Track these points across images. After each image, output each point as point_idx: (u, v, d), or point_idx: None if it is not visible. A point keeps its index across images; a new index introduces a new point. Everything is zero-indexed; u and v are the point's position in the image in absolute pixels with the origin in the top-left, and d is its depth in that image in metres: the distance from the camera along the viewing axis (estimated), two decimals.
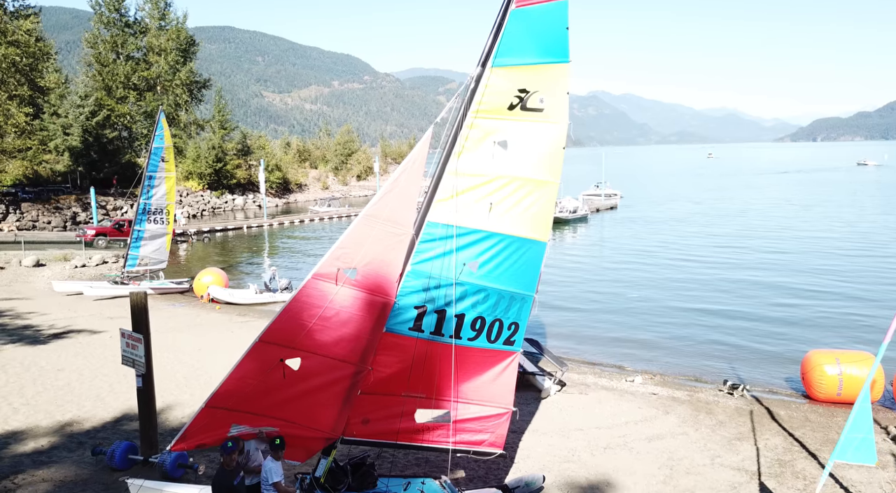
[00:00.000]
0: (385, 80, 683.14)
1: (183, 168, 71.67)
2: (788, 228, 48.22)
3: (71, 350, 18.43)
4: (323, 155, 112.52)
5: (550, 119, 8.73)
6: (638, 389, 16.47)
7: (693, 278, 31.62)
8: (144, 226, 28.14)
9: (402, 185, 8.47)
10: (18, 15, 53.77)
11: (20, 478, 10.37)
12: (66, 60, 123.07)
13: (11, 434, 12.22)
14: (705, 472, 11.50)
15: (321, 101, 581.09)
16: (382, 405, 9.06)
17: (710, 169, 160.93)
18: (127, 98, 73.66)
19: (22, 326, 21.51)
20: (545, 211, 9.02)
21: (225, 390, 8.33)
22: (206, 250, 45.78)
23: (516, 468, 11.44)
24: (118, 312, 23.46)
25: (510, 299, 9.16)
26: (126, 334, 10.84)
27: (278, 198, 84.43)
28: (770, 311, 24.98)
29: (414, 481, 9.40)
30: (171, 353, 18.01)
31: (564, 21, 8.49)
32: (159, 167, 27.88)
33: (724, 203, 70.64)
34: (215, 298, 27.08)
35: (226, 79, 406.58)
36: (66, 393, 14.63)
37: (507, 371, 9.60)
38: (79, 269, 33.99)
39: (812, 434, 13.39)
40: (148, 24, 76.77)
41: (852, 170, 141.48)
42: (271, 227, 58.23)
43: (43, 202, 55.23)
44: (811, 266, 33.64)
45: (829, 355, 15.50)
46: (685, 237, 45.64)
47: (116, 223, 43.35)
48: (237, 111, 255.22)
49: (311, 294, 8.30)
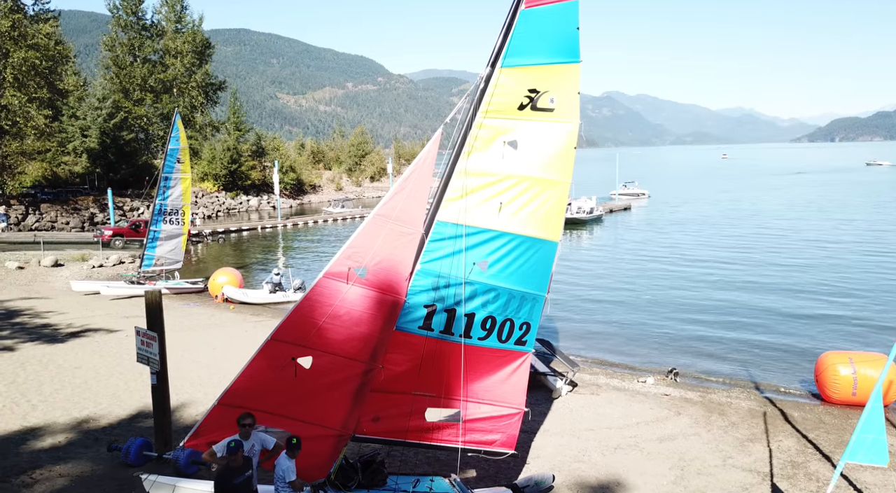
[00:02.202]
0: (399, 82, 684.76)
1: (198, 169, 72.35)
2: (801, 230, 47.64)
3: (88, 349, 18.69)
4: (337, 156, 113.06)
5: (561, 119, 8.75)
6: (650, 389, 16.41)
7: (706, 279, 31.40)
8: (160, 226, 28.47)
9: (412, 185, 8.54)
10: (38, 19, 54.60)
11: (38, 473, 10.56)
12: (84, 63, 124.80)
13: (30, 431, 12.44)
14: (717, 473, 11.45)
15: (335, 102, 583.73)
16: (393, 404, 9.12)
17: (723, 170, 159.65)
18: (144, 100, 74.55)
19: (41, 324, 21.83)
20: (556, 211, 9.03)
21: (237, 388, 8.44)
22: (220, 250, 46.20)
23: (527, 468, 11.45)
24: (134, 311, 23.74)
25: (521, 298, 9.18)
26: (141, 332, 11.00)
27: (292, 199, 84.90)
28: (784, 312, 24.75)
29: (423, 479, 9.45)
30: (185, 352, 18.20)
31: (575, 21, 8.51)
32: (175, 168, 28.19)
33: (736, 204, 70.08)
34: (230, 297, 27.33)
35: (241, 81, 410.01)
36: (83, 390, 14.86)
37: (518, 371, 9.61)
38: (96, 269, 34.43)
39: (826, 436, 13.28)
40: (164, 27, 77.70)
41: (863, 170, 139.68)
42: (285, 228, 58.60)
43: (61, 203, 56.02)
44: (824, 267, 33.26)
45: (843, 357, 15.37)
46: (697, 238, 45.32)
47: (133, 224, 43.84)
48: (252, 113, 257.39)
49: (322, 293, 8.39)
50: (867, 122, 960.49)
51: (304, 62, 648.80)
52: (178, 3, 77.98)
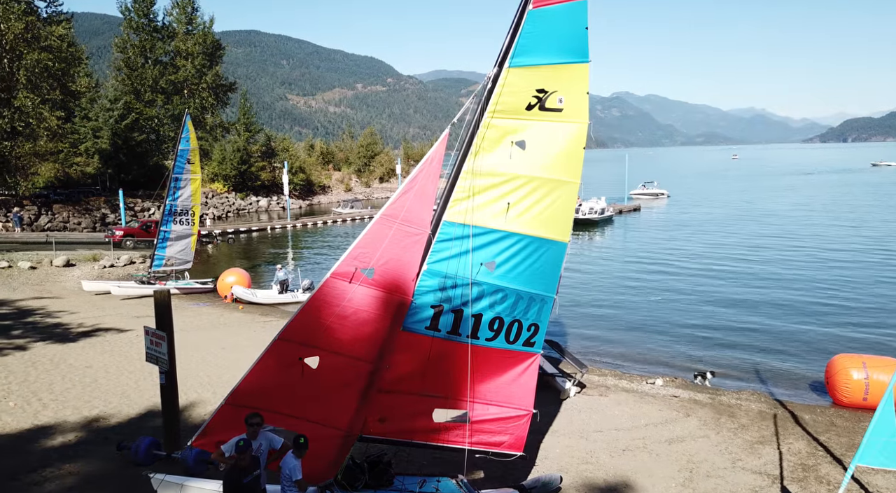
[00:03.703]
0: (408, 83, 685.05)
1: (208, 170, 72.73)
2: (812, 235, 47.19)
3: (98, 348, 18.82)
4: (346, 157, 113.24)
5: (570, 119, 8.72)
6: (659, 391, 16.31)
7: (716, 280, 31.20)
8: (171, 227, 28.66)
9: (419, 185, 8.54)
10: (51, 21, 55.07)
11: (48, 471, 10.63)
12: (97, 65, 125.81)
13: (41, 429, 12.53)
14: (726, 475, 11.36)
15: (345, 103, 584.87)
16: (400, 404, 9.11)
17: (731, 170, 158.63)
18: (155, 101, 75.03)
19: (52, 324, 22.00)
20: (564, 211, 8.98)
21: (245, 388, 8.47)
22: (230, 250, 46.40)
23: (534, 469, 11.41)
24: (144, 311, 23.88)
25: (529, 299, 9.14)
26: (150, 331, 11.06)
27: (302, 200, 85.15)
28: (796, 314, 24.56)
29: (429, 479, 9.43)
30: (195, 351, 18.29)
31: (583, 21, 8.48)
32: (185, 169, 28.37)
33: (746, 205, 69.63)
34: (238, 298, 27.44)
35: (251, 82, 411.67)
36: (93, 389, 14.95)
37: (526, 373, 9.57)
38: (107, 269, 34.68)
39: (838, 439, 13.15)
40: (175, 28, 78.19)
41: (868, 171, 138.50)
42: (295, 228, 58.78)
43: (73, 204, 56.46)
44: (837, 270, 32.97)
45: (855, 360, 15.21)
46: (708, 238, 45.02)
47: (144, 224, 44.14)
48: (262, 114, 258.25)
49: (329, 293, 8.40)
50: (880, 122, 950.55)
51: (313, 63, 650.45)
52: (189, 5, 78.48)
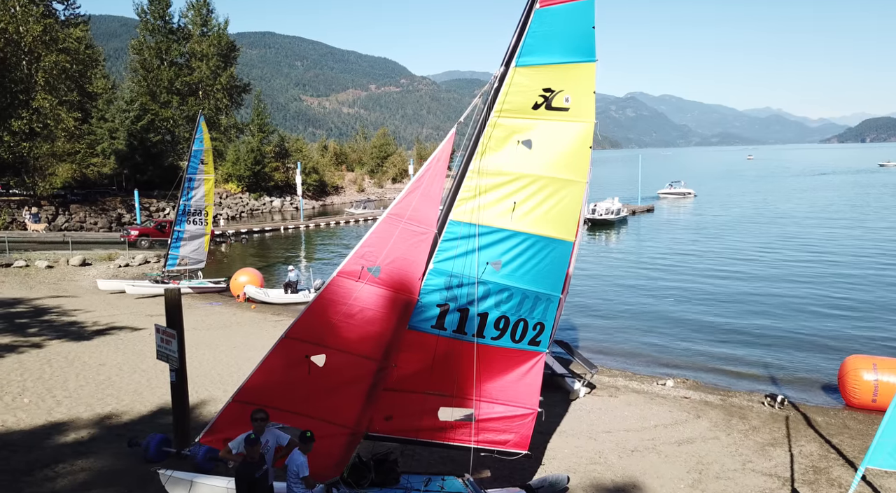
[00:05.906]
0: (421, 84, 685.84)
1: (222, 171, 73.30)
2: (825, 236, 46.60)
3: (112, 346, 19.04)
4: (359, 158, 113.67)
5: (577, 118, 8.70)
6: (669, 392, 16.22)
7: (729, 280, 30.94)
8: (184, 227, 28.93)
9: (425, 184, 8.56)
10: (69, 23, 55.88)
11: (60, 467, 10.78)
12: (114, 67, 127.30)
13: (54, 425, 12.70)
14: (735, 477, 11.28)
15: (358, 104, 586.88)
16: (406, 402, 9.14)
17: (747, 170, 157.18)
18: (170, 103, 75.75)
19: (68, 322, 22.29)
20: (570, 211, 8.96)
21: (252, 385, 8.54)
22: (243, 250, 46.75)
23: (542, 469, 11.40)
24: (158, 309, 24.08)
25: (535, 299, 9.14)
26: (161, 329, 11.17)
27: (315, 200, 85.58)
28: (811, 316, 24.31)
29: (435, 478, 9.44)
30: (207, 350, 18.46)
31: (590, 20, 8.46)
32: (199, 169, 28.62)
33: (759, 206, 69.01)
34: (251, 297, 27.63)
35: (265, 83, 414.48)
36: (106, 387, 15.13)
37: (532, 372, 9.56)
38: (122, 268, 35.08)
39: (850, 441, 13.01)
40: (191, 30, 78.91)
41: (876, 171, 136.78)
42: (308, 228, 59.08)
43: (90, 204, 57.18)
44: (850, 270, 32.59)
45: (866, 361, 15.07)
46: (721, 240, 44.69)
47: (158, 224, 44.58)
48: (276, 115, 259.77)
49: (336, 292, 8.44)
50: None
51: (327, 64, 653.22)
52: (204, 7, 79.20)
